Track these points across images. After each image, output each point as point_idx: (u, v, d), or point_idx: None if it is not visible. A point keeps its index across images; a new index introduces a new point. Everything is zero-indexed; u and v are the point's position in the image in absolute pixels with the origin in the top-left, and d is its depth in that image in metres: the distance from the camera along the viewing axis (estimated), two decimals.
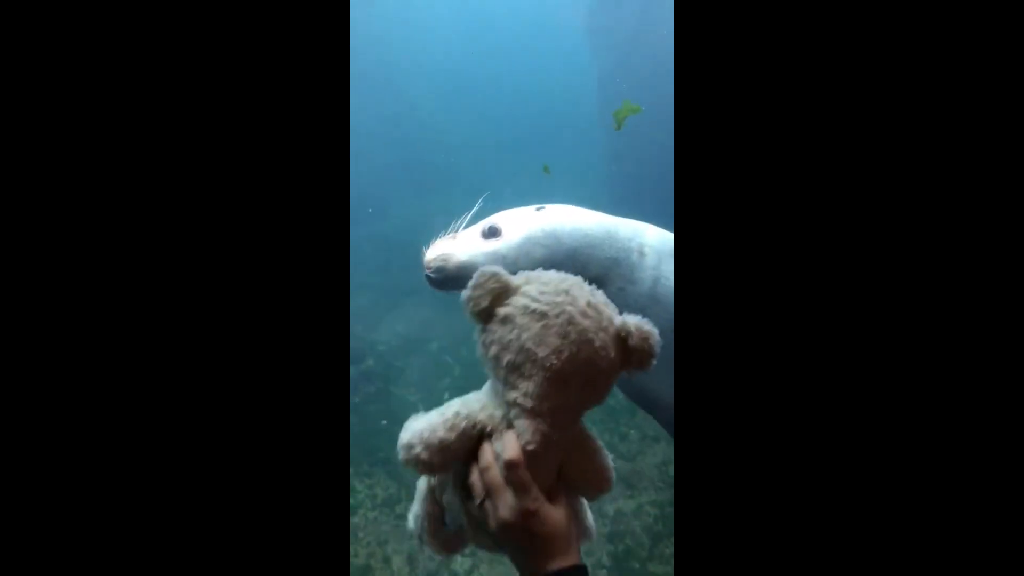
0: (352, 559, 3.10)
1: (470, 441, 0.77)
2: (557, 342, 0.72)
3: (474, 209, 1.22)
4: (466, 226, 1.20)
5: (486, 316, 0.77)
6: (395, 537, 3.21)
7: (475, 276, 0.77)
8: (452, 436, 0.76)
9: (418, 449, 0.76)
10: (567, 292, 0.74)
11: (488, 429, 0.77)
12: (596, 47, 8.24)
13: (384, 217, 8.48)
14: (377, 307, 6.22)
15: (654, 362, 0.75)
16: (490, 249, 1.13)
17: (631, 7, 6.76)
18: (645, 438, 3.79)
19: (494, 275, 0.76)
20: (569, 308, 0.73)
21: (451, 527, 0.87)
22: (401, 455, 0.78)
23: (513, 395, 0.74)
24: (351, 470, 3.79)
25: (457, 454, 0.78)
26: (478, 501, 0.76)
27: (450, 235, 1.18)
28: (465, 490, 0.79)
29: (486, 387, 0.81)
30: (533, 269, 0.81)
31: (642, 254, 1.14)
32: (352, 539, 3.23)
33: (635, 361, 0.75)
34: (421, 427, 0.78)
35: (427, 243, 1.17)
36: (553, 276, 0.78)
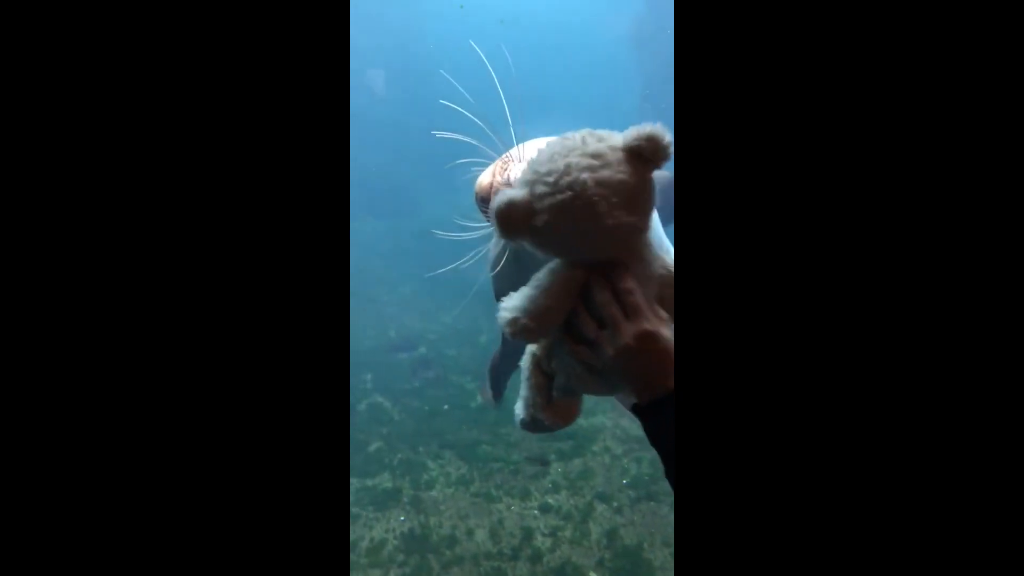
0: (436, 529, 3.24)
1: (569, 300, 0.83)
2: (592, 211, 0.74)
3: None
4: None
5: (524, 233, 0.78)
6: (475, 513, 3.36)
7: (493, 216, 0.78)
8: (553, 301, 0.82)
9: (524, 320, 0.82)
10: (568, 168, 0.75)
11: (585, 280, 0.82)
12: (642, 57, 8.40)
13: (421, 210, 8.64)
14: (422, 297, 6.37)
15: (670, 153, 0.77)
16: None
17: None
18: None
19: (506, 204, 0.77)
20: (583, 177, 0.74)
21: (560, 394, 0.93)
22: (508, 331, 0.83)
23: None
24: (421, 448, 3.94)
25: (560, 314, 0.84)
26: (592, 336, 0.81)
27: (499, 175, 1.05)
28: (574, 337, 0.85)
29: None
30: None
31: None
32: (434, 511, 3.37)
33: (656, 160, 0.77)
34: (518, 303, 0.83)
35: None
36: (544, 157, 0.78)
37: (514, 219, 0.77)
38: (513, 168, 1.02)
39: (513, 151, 1.05)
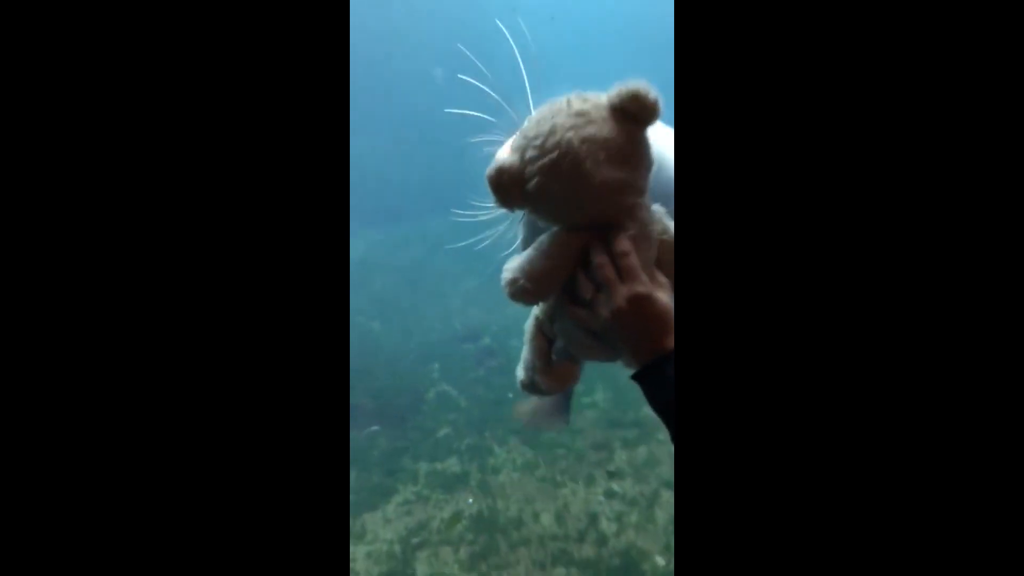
0: (504, 512, 3.34)
1: (568, 264, 0.82)
2: (580, 169, 0.74)
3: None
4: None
5: (518, 199, 0.79)
6: (541, 497, 3.43)
7: (487, 184, 0.79)
8: (552, 263, 0.82)
9: (522, 281, 0.82)
10: (554, 128, 0.75)
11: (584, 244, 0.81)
12: None
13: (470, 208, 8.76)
14: (484, 290, 6.50)
15: (658, 115, 0.76)
16: None
17: None
18: None
19: (497, 171, 0.78)
20: (568, 136, 0.74)
21: (559, 357, 0.94)
22: (507, 291, 0.84)
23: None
24: (487, 434, 4.05)
25: (559, 278, 0.83)
26: (588, 296, 0.81)
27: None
28: (572, 299, 0.84)
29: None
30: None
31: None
32: (501, 495, 3.47)
33: (642, 120, 0.76)
34: (519, 264, 0.84)
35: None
36: (532, 122, 0.78)
37: (506, 185, 0.78)
38: None
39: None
